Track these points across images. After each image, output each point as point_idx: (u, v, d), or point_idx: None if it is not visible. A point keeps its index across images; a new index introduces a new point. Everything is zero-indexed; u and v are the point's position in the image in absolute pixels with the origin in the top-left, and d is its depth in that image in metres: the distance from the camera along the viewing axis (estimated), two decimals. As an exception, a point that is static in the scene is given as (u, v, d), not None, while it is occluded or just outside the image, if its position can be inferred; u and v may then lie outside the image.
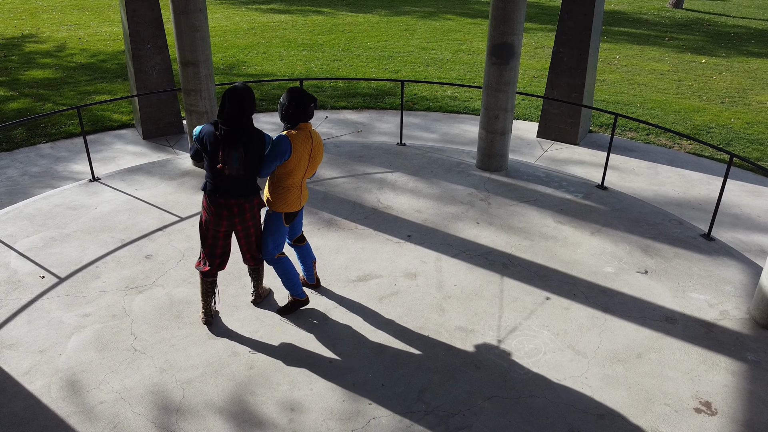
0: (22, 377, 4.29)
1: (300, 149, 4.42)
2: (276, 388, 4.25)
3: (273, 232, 4.66)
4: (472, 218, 6.49)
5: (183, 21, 6.81)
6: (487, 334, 4.79)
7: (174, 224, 6.28)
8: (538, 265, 5.69)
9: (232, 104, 4.16)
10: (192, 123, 7.40)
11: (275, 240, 4.68)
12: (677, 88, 12.71)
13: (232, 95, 4.16)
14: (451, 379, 4.34)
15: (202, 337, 4.71)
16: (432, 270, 5.58)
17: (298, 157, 4.42)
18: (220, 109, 4.23)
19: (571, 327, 4.88)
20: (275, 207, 4.59)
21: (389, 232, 6.20)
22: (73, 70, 13.03)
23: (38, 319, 4.86)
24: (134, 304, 5.07)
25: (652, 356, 4.59)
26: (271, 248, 4.71)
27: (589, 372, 4.43)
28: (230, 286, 5.33)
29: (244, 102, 4.17)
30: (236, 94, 4.16)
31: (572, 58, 8.76)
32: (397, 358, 4.52)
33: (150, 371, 4.37)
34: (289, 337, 4.74)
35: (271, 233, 4.66)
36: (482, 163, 7.66)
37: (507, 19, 6.79)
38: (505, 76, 7.07)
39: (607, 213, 6.66)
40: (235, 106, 4.16)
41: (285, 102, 4.39)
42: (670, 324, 4.94)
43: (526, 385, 4.30)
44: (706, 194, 7.65)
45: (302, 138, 4.43)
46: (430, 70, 13.68)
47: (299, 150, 4.41)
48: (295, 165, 4.45)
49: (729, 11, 23.76)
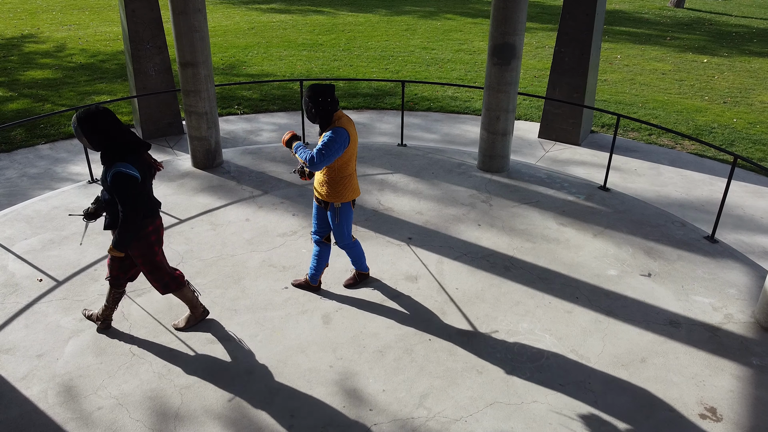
0: (19, 383, 4.24)
1: (353, 134, 4.56)
2: (276, 393, 4.20)
3: (347, 220, 4.89)
4: (474, 220, 6.44)
5: (182, 21, 6.76)
6: (489, 338, 4.74)
7: (173, 226, 6.23)
8: (540, 267, 5.63)
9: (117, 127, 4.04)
10: (192, 124, 7.35)
11: (348, 226, 4.93)
12: (679, 87, 12.65)
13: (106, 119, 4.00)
14: (453, 384, 4.29)
15: (201, 342, 4.66)
16: (433, 273, 5.53)
17: (353, 142, 4.59)
18: (115, 138, 4.01)
19: (574, 331, 4.83)
20: (343, 197, 4.73)
21: (390, 234, 6.15)
22: (73, 71, 12.98)
23: (36, 323, 4.81)
24: (133, 307, 5.02)
25: (656, 361, 4.54)
26: (347, 234, 4.96)
27: (592, 377, 4.38)
28: (229, 289, 5.28)
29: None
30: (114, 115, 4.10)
31: (574, 58, 8.71)
32: (399, 363, 4.48)
33: (148, 376, 4.33)
34: (289, 341, 4.69)
35: (346, 221, 4.89)
36: (483, 164, 7.60)
37: (508, 19, 6.74)
38: (507, 76, 7.01)
39: (610, 215, 6.61)
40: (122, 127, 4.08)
41: (313, 101, 4.43)
42: (674, 328, 4.89)
43: (528, 391, 4.25)
44: (709, 195, 7.60)
45: (349, 123, 4.57)
46: (430, 70, 13.62)
47: (353, 135, 4.56)
48: (352, 151, 4.61)
49: (730, 10, 23.69)
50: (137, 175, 3.99)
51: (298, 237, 6.06)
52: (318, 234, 5.02)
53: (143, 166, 4.11)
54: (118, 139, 4.01)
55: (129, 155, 4.01)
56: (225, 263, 5.63)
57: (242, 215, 6.46)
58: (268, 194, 6.92)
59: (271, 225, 6.28)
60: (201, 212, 6.51)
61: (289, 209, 6.60)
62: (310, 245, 5.92)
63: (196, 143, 7.42)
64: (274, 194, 6.92)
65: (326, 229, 5.01)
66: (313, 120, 4.52)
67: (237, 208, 6.62)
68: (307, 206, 6.66)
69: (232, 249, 5.85)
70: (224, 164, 7.68)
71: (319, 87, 4.44)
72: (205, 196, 6.86)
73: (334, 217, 4.82)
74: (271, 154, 8.06)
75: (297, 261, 5.68)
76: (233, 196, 6.87)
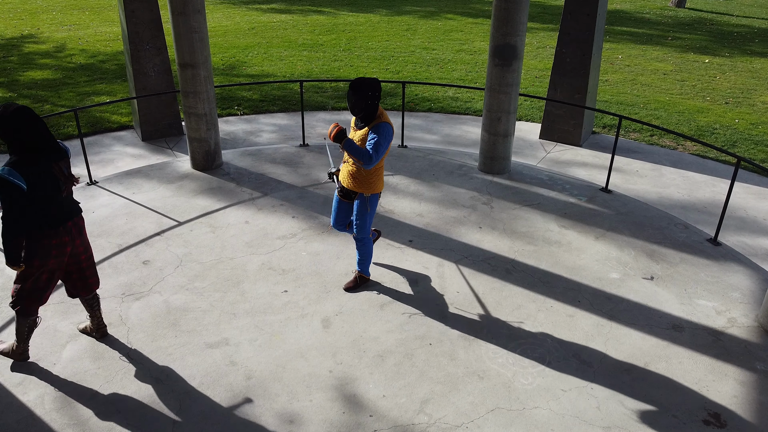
0: (15, 388, 4.20)
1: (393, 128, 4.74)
2: (275, 399, 4.15)
3: (374, 212, 4.95)
4: (475, 222, 6.39)
5: (181, 22, 6.71)
6: (490, 342, 4.69)
7: (172, 229, 6.18)
8: (542, 271, 5.59)
9: (35, 126, 3.83)
10: (191, 125, 7.31)
11: (372, 218, 4.99)
12: (680, 88, 12.60)
13: (29, 119, 3.81)
14: (454, 389, 4.25)
15: (200, 347, 4.62)
16: (434, 276, 5.48)
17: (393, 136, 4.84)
18: (20, 140, 3.78)
19: (576, 335, 4.79)
20: (375, 188, 4.83)
21: (390, 236, 6.11)
22: (73, 71, 12.94)
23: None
24: (131, 311, 4.98)
25: (659, 366, 4.49)
26: (369, 227, 5.01)
27: (594, 382, 4.33)
28: (228, 293, 5.23)
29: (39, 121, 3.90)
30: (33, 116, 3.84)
31: (575, 58, 8.66)
32: (399, 368, 4.43)
33: (146, 382, 4.28)
34: (289, 345, 4.65)
35: (372, 213, 4.94)
36: (484, 165, 7.56)
37: (509, 20, 6.69)
38: (508, 77, 6.97)
39: (612, 217, 6.56)
40: (40, 125, 3.86)
41: (363, 95, 4.43)
42: (677, 332, 4.84)
43: (530, 396, 4.20)
44: (711, 197, 7.55)
45: (389, 117, 4.74)
46: (431, 70, 13.57)
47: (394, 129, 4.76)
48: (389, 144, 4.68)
49: (732, 10, 23.63)
50: (20, 184, 3.73)
51: (298, 240, 6.02)
52: (339, 225, 5.18)
53: (44, 176, 3.86)
54: (23, 141, 3.77)
55: (24, 160, 3.78)
56: (224, 266, 5.59)
57: (242, 217, 6.42)
58: (267, 196, 6.88)
59: (270, 227, 6.24)
60: (200, 214, 6.47)
61: (288, 211, 6.55)
62: (309, 248, 5.88)
63: (195, 144, 7.38)
64: (273, 196, 6.88)
65: (347, 221, 5.17)
66: (358, 113, 4.55)
67: (236, 210, 6.58)
68: (307, 208, 6.62)
69: (231, 252, 5.81)
70: (224, 166, 7.64)
71: (371, 81, 4.47)
72: (205, 198, 6.82)
73: (364, 207, 4.88)
74: (271, 155, 8.01)
75: (296, 264, 5.63)
76: (233, 198, 6.82)
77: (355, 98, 4.46)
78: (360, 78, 4.46)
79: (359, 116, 4.58)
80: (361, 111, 4.52)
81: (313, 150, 8.24)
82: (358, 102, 4.47)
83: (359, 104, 4.48)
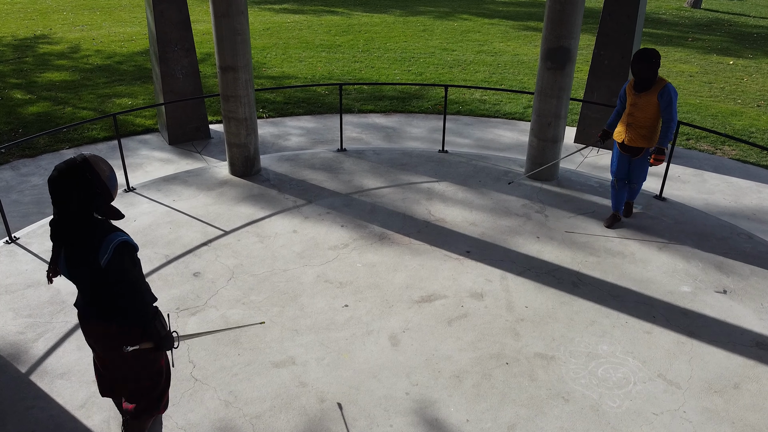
0: (78, 411, 3.97)
1: None
2: (353, 425, 3.93)
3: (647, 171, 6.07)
4: (531, 232, 6.17)
5: (224, 24, 6.48)
6: (569, 361, 4.48)
7: (219, 238, 5.95)
8: (609, 284, 5.37)
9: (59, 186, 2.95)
10: (230, 130, 7.08)
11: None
12: (709, 90, 12.41)
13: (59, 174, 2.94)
14: (540, 413, 4.03)
15: (266, 366, 4.39)
16: (499, 289, 5.26)
17: None
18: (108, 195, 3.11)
19: (658, 353, 4.57)
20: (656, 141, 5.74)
21: (446, 247, 5.89)
22: (90, 72, 12.69)
23: (88, 345, 4.54)
24: (188, 327, 4.75)
25: (751, 387, 4.28)
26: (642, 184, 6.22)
27: (686, 405, 4.12)
28: (286, 307, 5.01)
29: (67, 181, 2.93)
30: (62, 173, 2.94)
31: (614, 61, 8.45)
32: (478, 389, 4.21)
33: (214, 404, 4.06)
34: (358, 365, 4.42)
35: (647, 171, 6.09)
36: (532, 171, 7.34)
37: (564, 21, 6.48)
38: (560, 81, 6.75)
39: (672, 226, 6.35)
40: (60, 186, 2.94)
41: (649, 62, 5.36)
42: (762, 350, 4.63)
43: (621, 420, 3.99)
44: (758, 203, 7.35)
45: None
46: (454, 71, 13.36)
47: None
48: None
49: (747, 11, 23.46)
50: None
51: (351, 250, 5.80)
52: (619, 177, 6.08)
53: None
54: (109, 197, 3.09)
55: None
56: (278, 278, 5.36)
57: (289, 226, 6.19)
58: (312, 204, 6.65)
59: (320, 237, 6.01)
60: (245, 223, 6.24)
61: (336, 220, 6.33)
62: (364, 259, 5.65)
63: (234, 150, 7.14)
64: (318, 204, 6.65)
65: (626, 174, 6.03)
66: (642, 79, 5.49)
67: (282, 218, 6.35)
68: (355, 216, 6.39)
69: (283, 263, 5.58)
70: (262, 172, 7.41)
71: (654, 51, 5.33)
72: (247, 206, 6.59)
73: (648, 158, 5.79)
74: (309, 161, 7.79)
75: (353, 276, 5.41)
76: (276, 206, 6.59)
77: (646, 65, 5.35)
78: (644, 48, 5.36)
79: (643, 81, 5.48)
80: (648, 78, 5.45)
81: (351, 155, 8.01)
82: (648, 69, 5.37)
83: (651, 70, 5.38)
